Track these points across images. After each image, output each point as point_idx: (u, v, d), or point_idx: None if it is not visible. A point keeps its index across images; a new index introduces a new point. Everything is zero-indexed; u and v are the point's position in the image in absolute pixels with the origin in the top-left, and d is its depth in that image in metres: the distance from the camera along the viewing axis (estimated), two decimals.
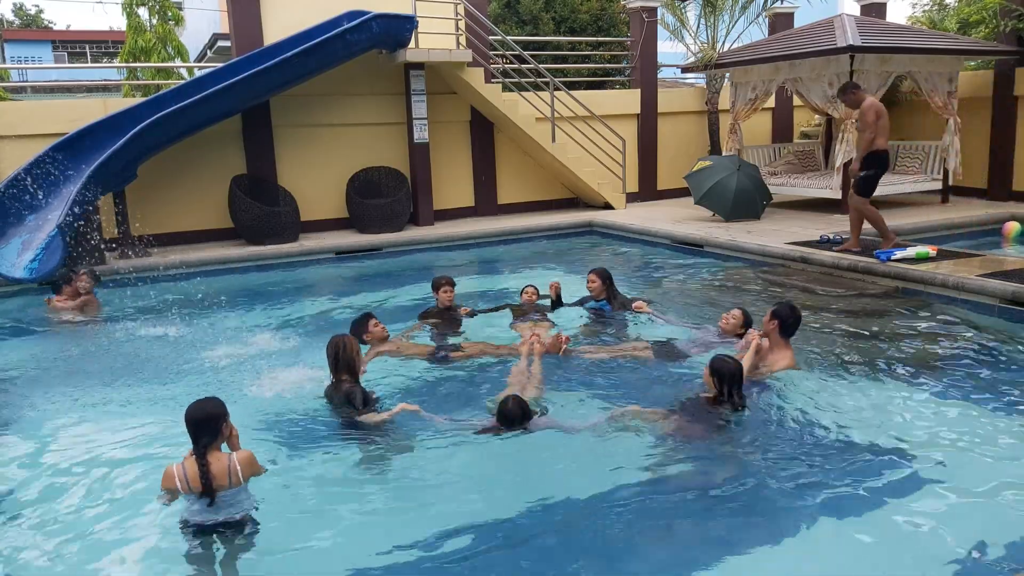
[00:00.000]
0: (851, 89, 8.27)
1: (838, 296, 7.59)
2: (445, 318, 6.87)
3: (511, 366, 5.67)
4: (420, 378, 5.70)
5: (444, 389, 5.50)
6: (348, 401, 4.76)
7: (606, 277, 6.98)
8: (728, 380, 4.63)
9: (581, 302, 7.14)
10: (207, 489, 3.50)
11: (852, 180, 8.10)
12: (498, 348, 6.12)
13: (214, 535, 3.55)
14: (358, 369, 4.97)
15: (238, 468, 3.58)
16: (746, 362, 5.07)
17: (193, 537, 3.54)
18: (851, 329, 6.55)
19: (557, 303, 7.09)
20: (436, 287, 6.97)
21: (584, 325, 6.81)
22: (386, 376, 5.63)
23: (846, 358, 5.82)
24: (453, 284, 7.02)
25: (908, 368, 5.58)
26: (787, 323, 5.43)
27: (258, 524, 3.67)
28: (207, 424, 3.55)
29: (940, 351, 5.97)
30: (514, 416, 4.53)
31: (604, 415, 4.78)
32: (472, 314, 7.06)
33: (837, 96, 8.38)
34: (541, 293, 7.28)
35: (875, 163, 7.90)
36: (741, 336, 6.02)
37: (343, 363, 4.87)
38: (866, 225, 8.66)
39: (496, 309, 7.34)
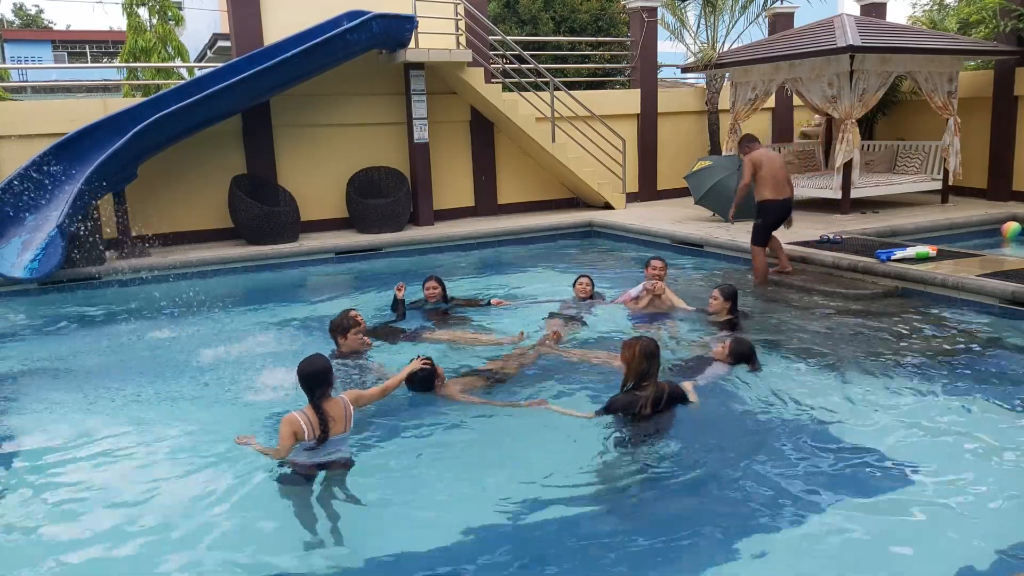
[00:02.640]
0: (745, 143, 8.57)
1: (838, 296, 7.59)
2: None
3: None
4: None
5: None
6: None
7: (441, 282, 7.26)
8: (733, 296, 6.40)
9: (419, 305, 7.25)
10: (324, 434, 3.93)
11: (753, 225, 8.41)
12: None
13: (317, 477, 3.94)
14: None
15: (352, 410, 4.10)
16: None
17: (296, 481, 3.92)
18: (851, 329, 6.55)
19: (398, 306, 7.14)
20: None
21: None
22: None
23: (846, 358, 5.82)
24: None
25: (908, 368, 5.58)
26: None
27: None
28: (317, 376, 3.98)
29: (940, 351, 5.96)
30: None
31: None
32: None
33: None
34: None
35: (762, 213, 8.22)
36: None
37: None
38: (866, 225, 8.67)
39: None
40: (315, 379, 3.98)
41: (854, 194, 11.62)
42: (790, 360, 5.83)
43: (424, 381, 4.99)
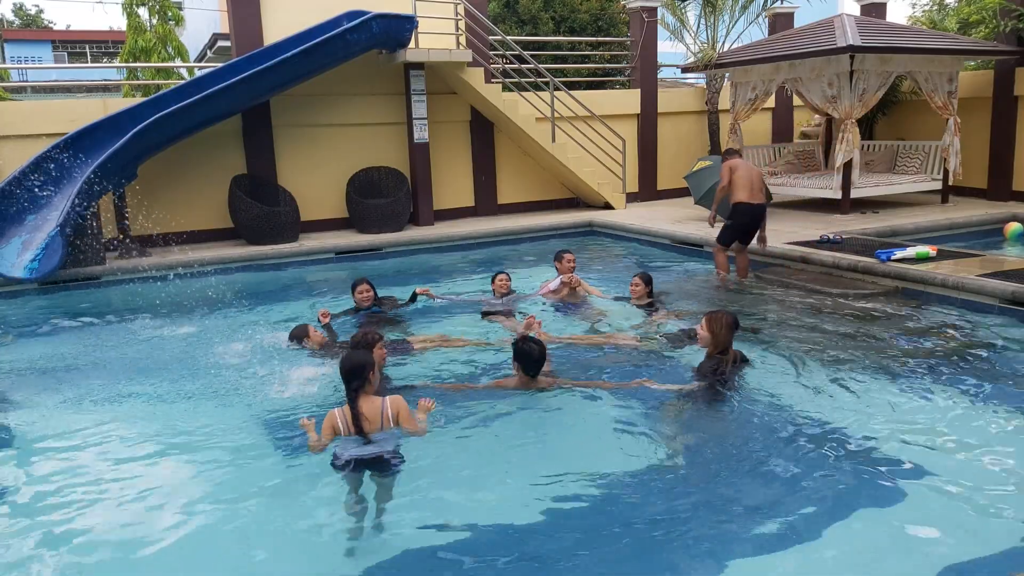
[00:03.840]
0: (726, 153, 8.88)
1: (838, 296, 7.59)
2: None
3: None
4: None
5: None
6: None
7: (372, 285, 7.19)
8: (650, 282, 7.26)
9: (352, 313, 7.22)
10: (359, 430, 3.96)
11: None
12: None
13: (363, 470, 3.98)
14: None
15: (390, 412, 4.05)
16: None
17: (342, 470, 3.96)
18: (851, 329, 6.55)
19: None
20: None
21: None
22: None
23: (845, 358, 5.82)
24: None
25: (907, 368, 5.58)
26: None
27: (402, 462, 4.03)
28: (354, 372, 4.02)
29: (940, 351, 5.96)
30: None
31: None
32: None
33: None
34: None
35: (733, 215, 8.38)
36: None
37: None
38: (866, 225, 8.67)
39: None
40: (347, 374, 4.05)
41: (854, 194, 11.63)
42: (790, 360, 5.82)
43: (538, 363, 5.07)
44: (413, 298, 7.47)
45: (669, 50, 15.90)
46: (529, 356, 5.00)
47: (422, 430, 4.17)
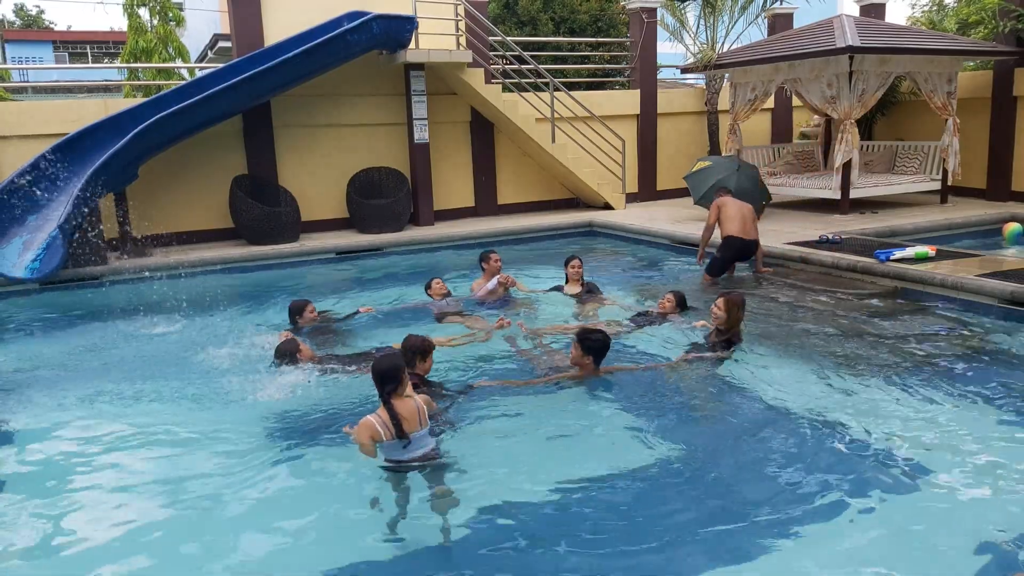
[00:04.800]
0: (717, 196, 8.86)
1: (837, 296, 7.60)
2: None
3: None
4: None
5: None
6: None
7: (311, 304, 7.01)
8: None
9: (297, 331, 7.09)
10: (399, 431, 3.95)
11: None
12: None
13: (409, 469, 4.04)
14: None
15: (424, 409, 4.11)
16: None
17: (393, 474, 4.04)
18: (850, 329, 6.56)
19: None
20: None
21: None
22: None
23: (845, 358, 5.83)
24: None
25: (907, 368, 5.59)
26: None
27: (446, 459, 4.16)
28: (389, 375, 4.03)
29: (939, 351, 5.98)
30: None
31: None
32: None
33: None
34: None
35: (722, 248, 8.42)
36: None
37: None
38: (865, 225, 8.66)
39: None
40: (381, 377, 4.05)
41: (853, 194, 11.64)
42: (789, 360, 5.84)
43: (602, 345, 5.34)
44: (353, 315, 7.24)
45: (669, 51, 15.93)
46: (605, 347, 5.34)
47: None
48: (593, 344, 5.28)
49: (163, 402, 5.34)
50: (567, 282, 7.87)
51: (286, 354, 5.65)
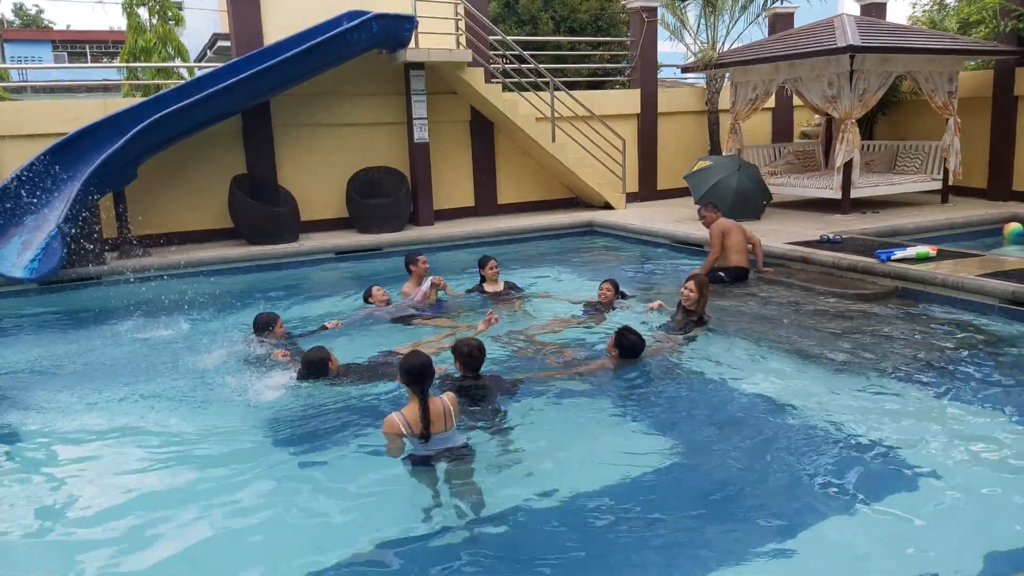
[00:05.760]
0: (703, 211, 8.73)
1: (838, 296, 7.59)
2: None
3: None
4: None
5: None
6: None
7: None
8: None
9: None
10: (427, 430, 3.98)
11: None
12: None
13: (436, 463, 4.06)
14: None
15: (451, 409, 4.11)
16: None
17: (417, 467, 4.06)
18: (850, 329, 6.55)
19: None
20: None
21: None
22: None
23: (845, 358, 5.82)
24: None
25: (907, 368, 5.58)
26: None
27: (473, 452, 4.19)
28: (427, 371, 4.05)
29: (939, 351, 5.97)
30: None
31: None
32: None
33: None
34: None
35: (727, 272, 8.32)
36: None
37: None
38: (866, 225, 8.63)
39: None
40: (419, 374, 4.04)
41: (854, 194, 11.63)
42: (789, 360, 5.83)
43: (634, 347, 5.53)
44: (319, 330, 6.88)
45: (669, 50, 15.91)
46: (637, 347, 5.55)
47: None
48: (630, 347, 5.52)
49: (161, 402, 5.32)
50: (484, 281, 7.88)
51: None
